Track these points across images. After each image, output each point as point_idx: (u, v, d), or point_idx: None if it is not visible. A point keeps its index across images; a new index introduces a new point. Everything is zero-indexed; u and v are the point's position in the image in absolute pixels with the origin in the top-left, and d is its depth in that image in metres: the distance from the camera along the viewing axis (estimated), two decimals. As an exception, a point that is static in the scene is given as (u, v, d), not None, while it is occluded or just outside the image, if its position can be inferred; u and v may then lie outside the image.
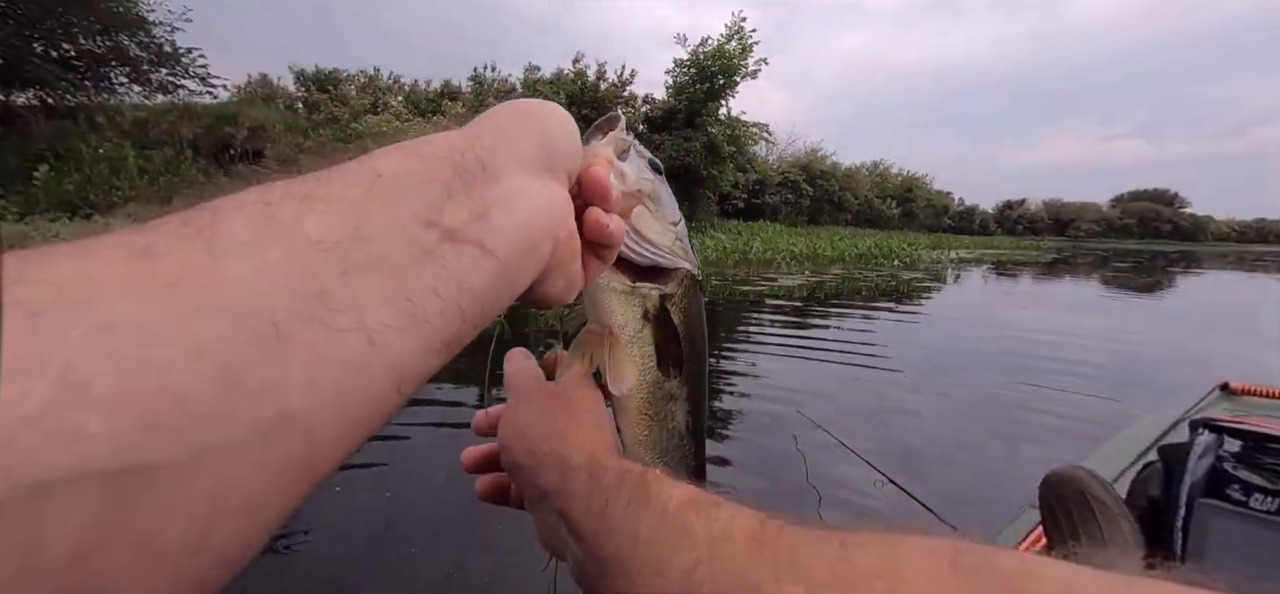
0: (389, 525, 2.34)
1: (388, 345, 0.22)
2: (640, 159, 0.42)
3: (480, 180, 0.27)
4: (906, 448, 3.30)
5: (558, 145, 0.32)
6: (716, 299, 9.03)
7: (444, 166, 0.26)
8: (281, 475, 0.19)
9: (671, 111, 18.98)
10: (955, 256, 23.04)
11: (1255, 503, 1.06)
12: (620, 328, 0.43)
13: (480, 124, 0.30)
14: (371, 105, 15.32)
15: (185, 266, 0.18)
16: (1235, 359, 6.31)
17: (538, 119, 0.32)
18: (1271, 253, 52.38)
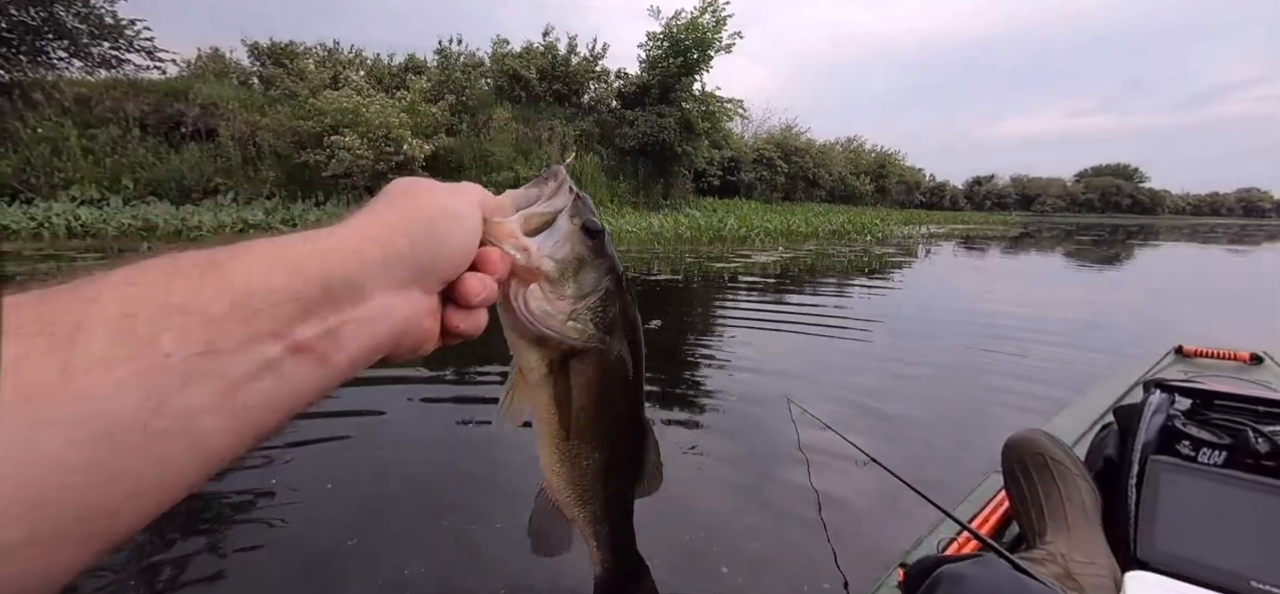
0: (366, 507, 2.23)
1: (211, 446, 0.25)
2: (568, 226, 0.42)
3: (346, 300, 0.30)
4: (877, 416, 3.32)
5: (443, 261, 0.35)
6: (691, 277, 8.97)
7: (313, 286, 0.28)
8: (82, 550, 0.22)
9: (645, 87, 18.69)
10: (927, 232, 23.41)
11: (1203, 457, 1.11)
12: (526, 370, 0.46)
13: (374, 230, 0.33)
14: (332, 80, 14.69)
15: (38, 384, 0.21)
16: (1190, 324, 6.55)
17: (432, 234, 0.34)
18: (1222, 224, 54.66)
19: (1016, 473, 1.22)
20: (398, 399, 3.37)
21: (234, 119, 14.06)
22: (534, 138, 17.05)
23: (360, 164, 12.33)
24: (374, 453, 2.72)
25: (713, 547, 2.08)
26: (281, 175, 13.42)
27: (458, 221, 0.36)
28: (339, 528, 2.12)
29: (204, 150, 13.54)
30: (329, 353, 0.29)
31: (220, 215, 11.26)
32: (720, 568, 1.97)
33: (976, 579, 0.72)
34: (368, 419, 3.05)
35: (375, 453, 2.72)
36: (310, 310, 0.28)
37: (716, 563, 2.00)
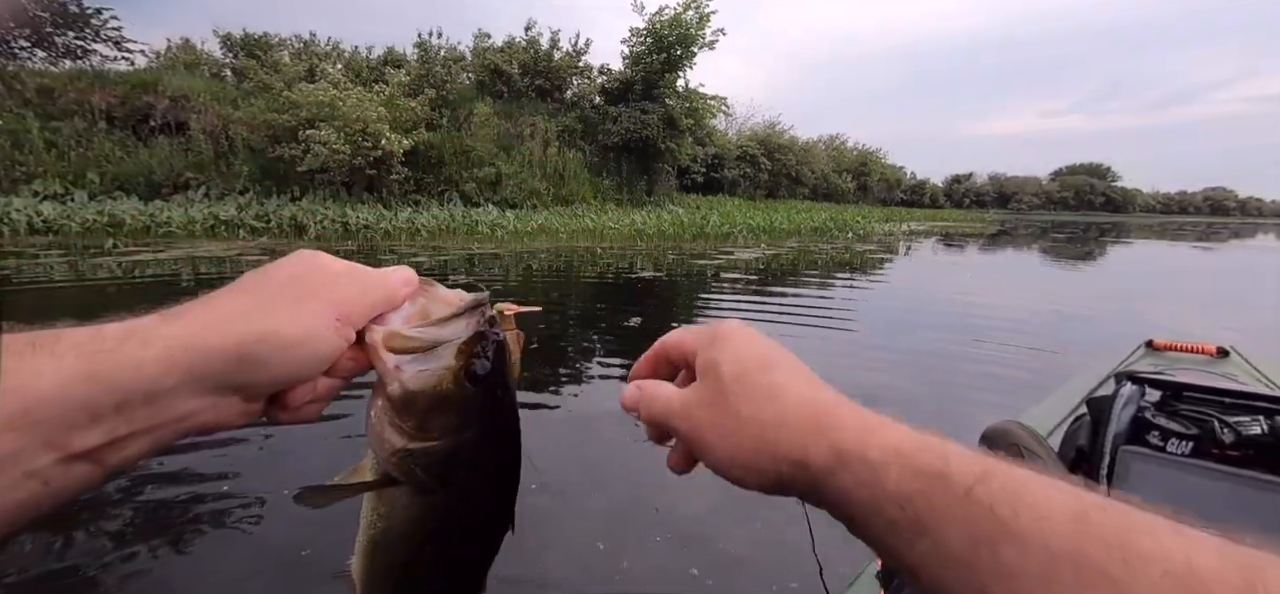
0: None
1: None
2: (444, 364, 0.36)
3: (140, 411, 0.28)
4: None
5: (269, 383, 0.32)
6: (673, 273, 8.94)
7: (110, 396, 0.27)
8: None
9: (628, 83, 18.61)
10: (907, 229, 23.70)
11: (1172, 447, 1.14)
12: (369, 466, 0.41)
13: (200, 336, 0.30)
14: (308, 72, 14.36)
15: None
16: (1159, 319, 6.68)
17: (260, 356, 0.31)
18: (1189, 222, 56.25)
19: None
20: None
21: (206, 112, 13.67)
22: (516, 133, 16.87)
23: (336, 159, 12.08)
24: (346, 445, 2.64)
25: (693, 540, 2.05)
26: (255, 170, 13.09)
27: (299, 348, 0.32)
28: (311, 528, 2.04)
29: (174, 144, 13.14)
30: (106, 458, 0.28)
31: (191, 211, 10.93)
32: (698, 560, 1.96)
33: None
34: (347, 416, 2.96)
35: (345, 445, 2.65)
36: (99, 419, 0.27)
37: (695, 556, 1.98)
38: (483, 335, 0.38)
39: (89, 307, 5.48)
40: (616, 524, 2.21)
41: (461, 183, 14.77)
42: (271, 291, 0.33)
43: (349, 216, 11.43)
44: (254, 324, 0.31)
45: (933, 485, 0.24)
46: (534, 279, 8.10)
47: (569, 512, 2.25)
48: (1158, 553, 0.19)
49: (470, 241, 11.61)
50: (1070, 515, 0.21)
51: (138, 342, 0.28)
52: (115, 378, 0.27)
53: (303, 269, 0.35)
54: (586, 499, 2.35)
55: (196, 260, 8.29)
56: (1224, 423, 1.12)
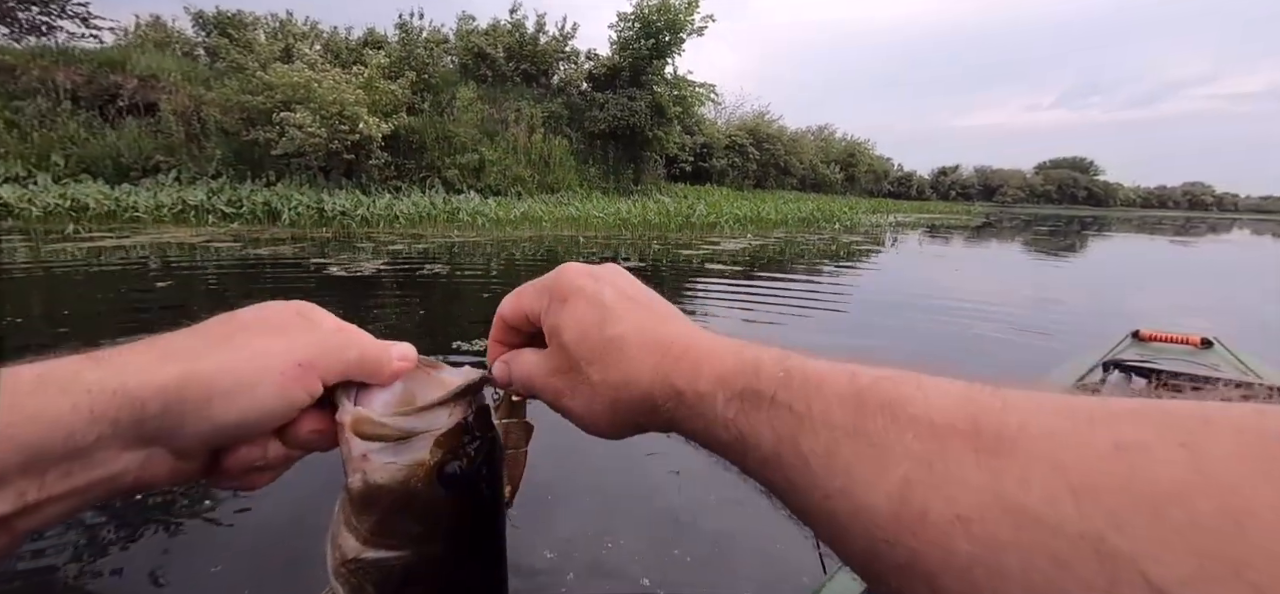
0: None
1: None
2: (414, 457, 0.31)
3: (55, 471, 0.25)
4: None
5: (212, 437, 0.29)
6: (658, 264, 8.81)
7: (17, 456, 0.24)
8: None
9: (615, 69, 18.33)
10: (893, 220, 23.76)
11: None
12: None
13: (134, 379, 0.26)
14: (284, 53, 13.92)
15: None
16: (1144, 309, 6.71)
17: (205, 406, 0.27)
18: (1168, 217, 57.27)
19: None
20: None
21: (176, 92, 13.21)
22: (500, 119, 16.54)
23: (312, 143, 11.72)
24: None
25: (685, 529, 2.03)
26: (229, 154, 12.68)
27: (239, 395, 0.28)
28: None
29: (143, 126, 12.68)
30: (15, 526, 0.24)
31: (160, 195, 10.56)
32: (692, 551, 1.95)
33: None
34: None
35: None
36: (3, 483, 0.24)
37: (688, 545, 1.97)
38: (466, 428, 0.33)
39: (57, 297, 5.23)
40: (606, 511, 2.17)
41: (444, 169, 14.47)
42: (226, 331, 0.30)
43: (325, 203, 11.12)
44: (192, 363, 0.27)
45: (747, 401, 0.27)
46: (517, 268, 7.92)
47: (557, 499, 2.20)
48: (908, 416, 0.22)
49: (450, 230, 11.36)
50: (851, 397, 0.24)
51: (55, 389, 0.25)
52: (23, 436, 0.24)
53: (276, 313, 0.31)
54: (574, 485, 2.29)
55: (164, 246, 7.99)
56: None
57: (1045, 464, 0.18)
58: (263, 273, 6.72)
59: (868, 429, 0.23)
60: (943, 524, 0.19)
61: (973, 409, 0.21)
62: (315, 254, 7.99)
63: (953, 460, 0.20)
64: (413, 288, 6.13)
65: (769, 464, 0.25)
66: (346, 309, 5.10)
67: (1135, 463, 0.17)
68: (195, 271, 6.60)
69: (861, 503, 0.22)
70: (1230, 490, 0.15)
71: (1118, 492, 0.16)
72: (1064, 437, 0.18)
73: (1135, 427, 0.18)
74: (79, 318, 4.54)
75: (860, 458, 0.22)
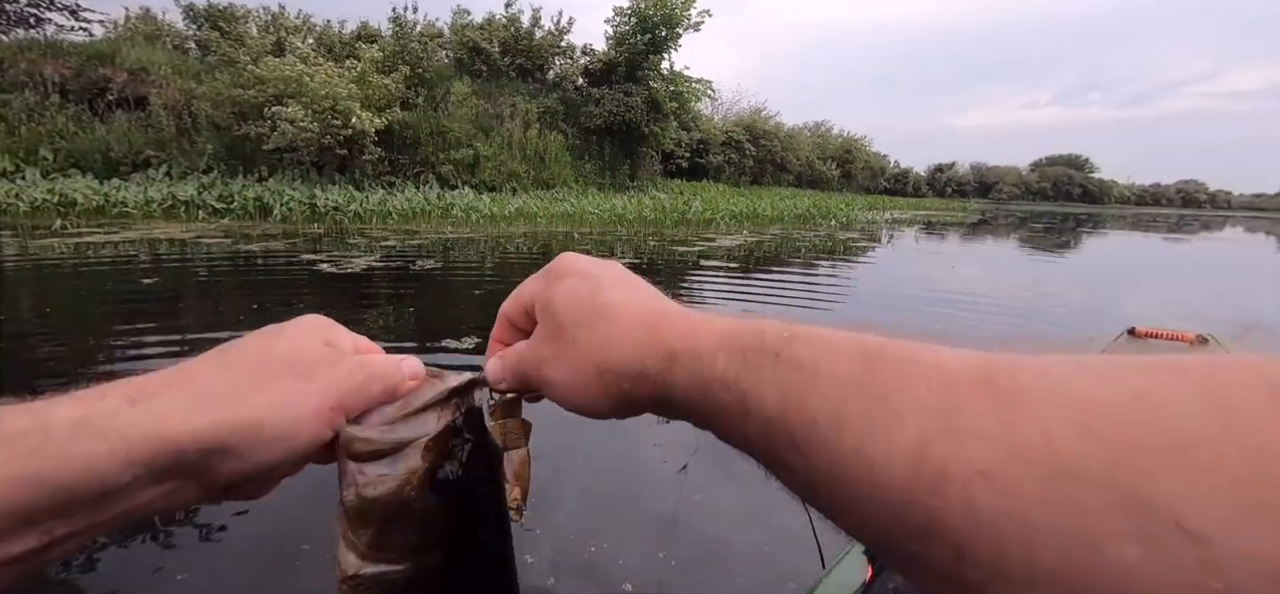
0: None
1: None
2: (408, 465, 0.31)
3: (85, 511, 0.25)
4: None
5: (235, 470, 0.28)
6: (654, 261, 8.76)
7: (52, 500, 0.24)
8: None
9: (611, 64, 18.23)
10: (890, 217, 23.76)
11: None
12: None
13: (174, 420, 0.26)
14: (275, 46, 13.77)
15: None
16: (1136, 308, 6.70)
17: (240, 449, 0.28)
18: (1162, 214, 57.54)
19: None
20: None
21: (167, 86, 13.05)
22: (495, 114, 16.43)
23: (304, 138, 11.60)
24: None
25: (680, 528, 2.01)
26: (220, 148, 12.54)
27: (280, 443, 0.29)
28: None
29: (133, 120, 12.52)
30: (37, 559, 0.24)
31: (150, 191, 10.43)
32: (689, 550, 1.95)
33: None
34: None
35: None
36: (34, 524, 0.23)
37: (685, 544, 1.96)
38: (454, 430, 0.32)
39: (45, 293, 5.14)
40: (602, 510, 2.15)
41: (438, 164, 14.35)
42: (262, 370, 0.29)
43: (317, 198, 11.01)
44: (233, 411, 0.27)
45: (750, 360, 0.25)
46: (511, 265, 7.85)
47: (552, 498, 2.18)
48: (920, 370, 0.21)
49: (444, 226, 11.28)
50: (859, 355, 0.23)
51: (92, 434, 0.24)
52: (59, 479, 0.23)
53: (305, 344, 0.31)
54: (569, 484, 2.27)
55: (155, 242, 7.89)
56: None
57: (1067, 413, 0.18)
58: (253, 269, 6.64)
59: (878, 384, 0.22)
60: (963, 480, 0.18)
61: (985, 363, 0.21)
62: (307, 250, 7.91)
63: (970, 413, 0.19)
64: (404, 284, 6.06)
65: (773, 427, 0.24)
66: (337, 308, 5.04)
67: (1159, 409, 0.16)
68: (185, 267, 6.51)
69: (875, 463, 0.20)
70: (1252, 430, 0.15)
71: (1144, 437, 0.16)
72: (1082, 388, 0.18)
73: (1152, 378, 0.17)
74: (68, 314, 4.46)
75: (872, 415, 0.21)
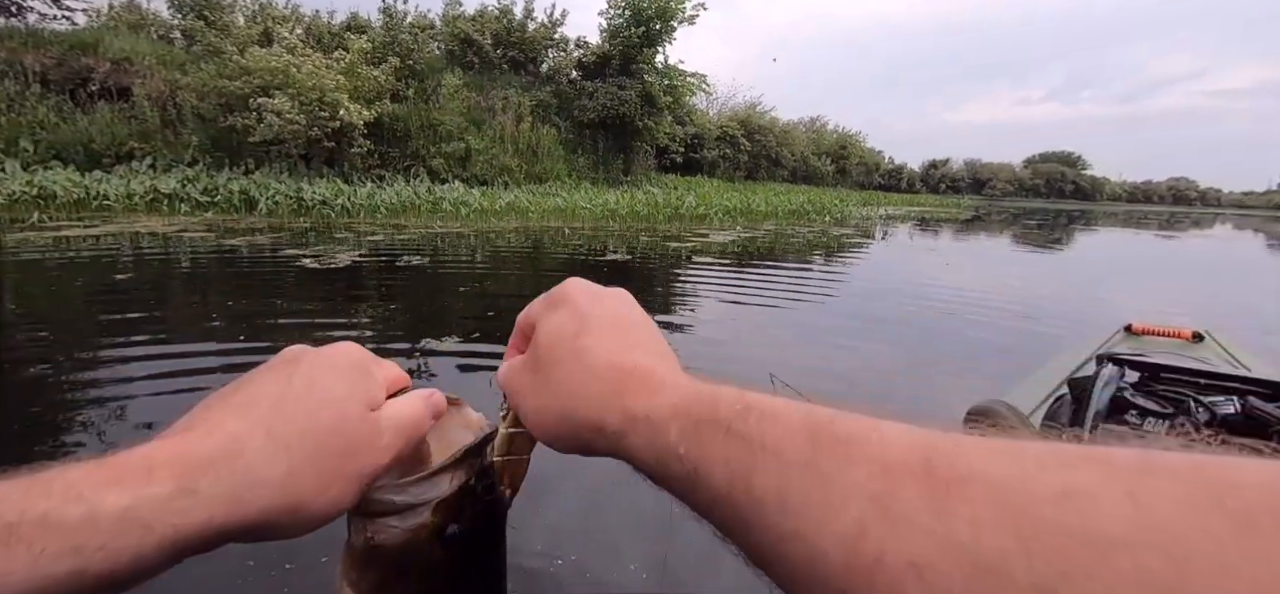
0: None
1: None
2: (409, 524, 0.32)
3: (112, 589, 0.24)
4: (844, 390, 3.36)
5: (267, 539, 0.29)
6: (647, 257, 8.66)
7: (87, 583, 0.23)
8: None
9: (605, 57, 18.06)
10: (884, 213, 23.74)
11: (1149, 425, 1.17)
12: None
13: (231, 515, 0.26)
14: (262, 36, 13.52)
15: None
16: (1137, 303, 6.68)
17: (284, 528, 0.28)
18: (1153, 211, 57.93)
19: None
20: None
21: (151, 77, 12.79)
22: (487, 107, 16.24)
23: (291, 130, 11.40)
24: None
25: (677, 523, 1.93)
26: (206, 140, 12.31)
27: (317, 521, 0.29)
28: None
29: (116, 111, 12.27)
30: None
31: (133, 183, 10.22)
32: (685, 545, 1.90)
33: None
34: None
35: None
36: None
37: (681, 539, 1.91)
38: (470, 493, 0.33)
39: (27, 287, 4.99)
40: (597, 508, 2.10)
41: (429, 158, 14.17)
42: (311, 446, 0.29)
43: (304, 192, 10.83)
44: (284, 498, 0.28)
45: (702, 432, 0.26)
46: (501, 260, 7.73)
47: (546, 493, 2.14)
48: (863, 451, 0.21)
49: (433, 220, 11.12)
50: (804, 434, 0.23)
51: (140, 527, 0.24)
52: (103, 571, 0.23)
53: (349, 411, 0.30)
54: (565, 478, 2.23)
55: (136, 236, 7.71)
56: (1199, 403, 1.17)
57: (995, 508, 0.18)
58: (235, 264, 6.49)
59: (821, 465, 0.22)
60: (897, 570, 0.18)
61: (926, 449, 0.20)
62: (291, 244, 7.76)
63: (906, 501, 0.19)
64: (390, 280, 5.93)
65: (720, 502, 0.24)
66: (319, 305, 4.91)
67: (1082, 509, 0.16)
68: (164, 261, 6.35)
69: (814, 547, 0.21)
70: (1173, 540, 0.15)
71: (1065, 538, 0.16)
72: (1013, 481, 0.18)
73: (1082, 472, 0.17)
74: (44, 310, 4.32)
75: (812, 497, 0.21)
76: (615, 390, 0.29)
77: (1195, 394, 1.21)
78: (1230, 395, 1.18)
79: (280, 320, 4.35)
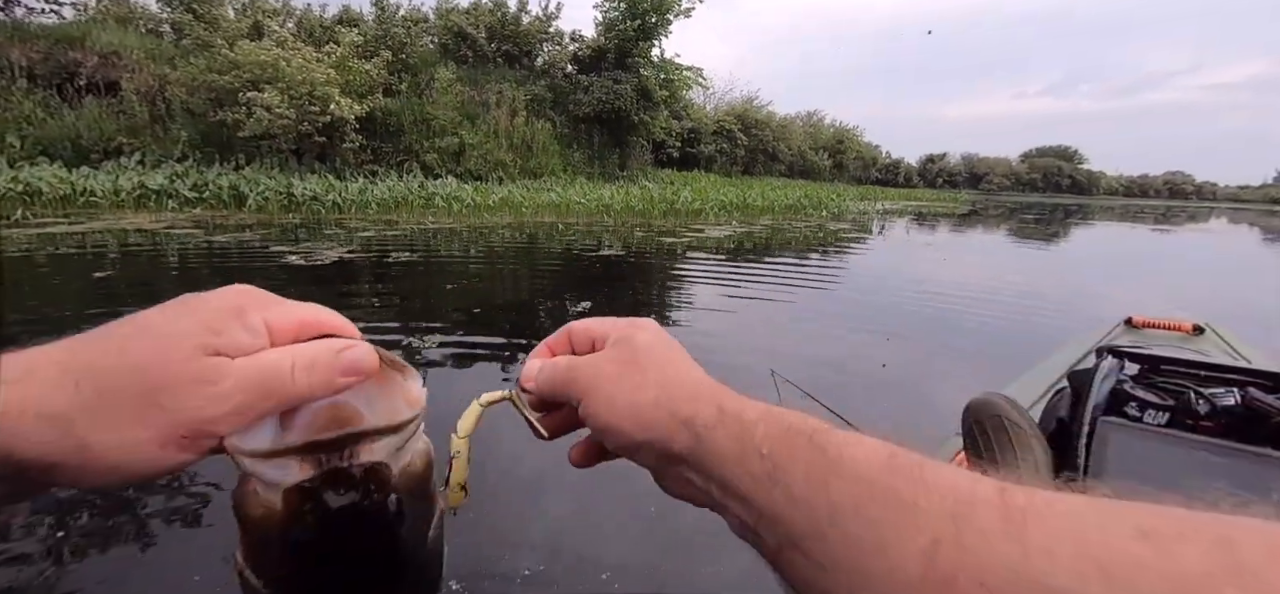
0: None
1: None
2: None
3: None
4: (843, 383, 3.37)
5: (55, 484, 0.26)
6: (641, 252, 8.57)
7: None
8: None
9: (601, 51, 17.90)
10: (881, 208, 23.67)
11: (1149, 418, 1.17)
12: None
13: (13, 443, 0.24)
14: (253, 29, 13.34)
15: None
16: (1135, 297, 6.62)
17: (69, 470, 0.25)
18: (1150, 206, 58.03)
19: (975, 434, 1.25)
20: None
21: (139, 71, 12.61)
22: (481, 102, 16.08)
23: (281, 124, 11.25)
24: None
25: (671, 515, 1.94)
26: (196, 136, 12.15)
27: (109, 474, 0.26)
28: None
29: (104, 106, 12.11)
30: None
31: (121, 179, 10.08)
32: (682, 538, 1.89)
33: None
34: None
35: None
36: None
37: (678, 533, 1.91)
38: (309, 493, 0.27)
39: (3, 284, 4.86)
40: (592, 505, 2.07)
41: (422, 153, 14.02)
42: (103, 387, 0.25)
43: (295, 187, 10.69)
44: (64, 436, 0.25)
45: (786, 435, 0.28)
46: (496, 255, 7.63)
47: (541, 485, 2.13)
48: (939, 483, 0.23)
49: (426, 216, 11.01)
50: (882, 455, 0.25)
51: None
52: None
53: (164, 350, 0.26)
54: (560, 469, 2.19)
55: (122, 233, 7.59)
56: (1199, 395, 1.16)
57: (1072, 540, 0.18)
58: (218, 261, 6.38)
59: (898, 487, 0.23)
60: (967, 591, 0.19)
61: (999, 482, 0.22)
62: (280, 241, 7.64)
63: (980, 527, 0.20)
64: (377, 278, 5.83)
65: (796, 505, 0.26)
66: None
67: (1163, 549, 0.17)
68: (150, 258, 6.24)
69: (889, 560, 0.22)
70: (1263, 584, 0.15)
71: (1147, 574, 0.16)
72: (1089, 515, 0.19)
73: (1158, 518, 0.18)
74: (32, 305, 4.22)
75: (889, 514, 0.23)
76: (711, 389, 0.32)
77: (1195, 386, 1.21)
78: (1230, 387, 1.18)
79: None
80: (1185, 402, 1.17)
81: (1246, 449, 1.04)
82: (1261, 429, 1.08)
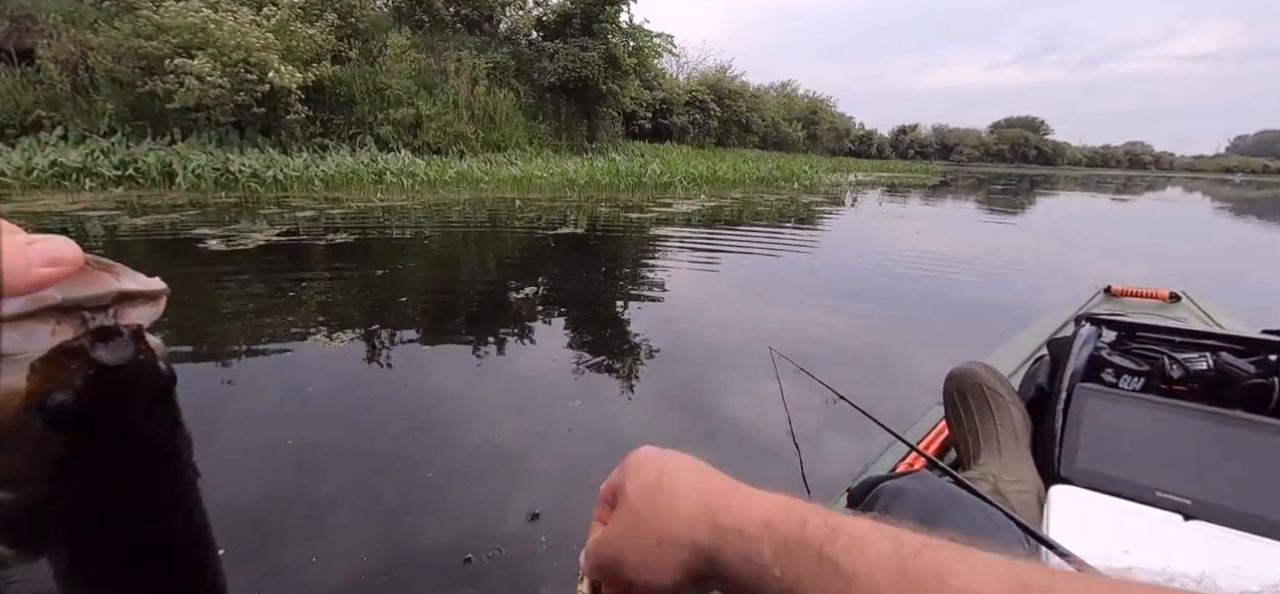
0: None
1: None
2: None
3: None
4: (827, 356, 3.39)
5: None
6: (609, 227, 8.17)
7: None
8: None
9: (566, 16, 17.13)
10: (853, 179, 23.56)
11: (1124, 383, 1.22)
12: None
13: None
14: (182, -11, 12.25)
15: None
16: (1110, 266, 6.51)
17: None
18: (1111, 175, 59.54)
19: (955, 401, 1.28)
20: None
21: (57, 37, 11.50)
22: (439, 70, 15.24)
23: (214, 94, 10.40)
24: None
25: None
26: (123, 108, 11.18)
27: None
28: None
29: (18, 76, 11.03)
30: None
31: (37, 156, 9.20)
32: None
33: (913, 490, 0.75)
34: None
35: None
36: None
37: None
38: (72, 352, 0.24)
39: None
40: (588, 496, 1.93)
41: (376, 125, 13.22)
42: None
43: (232, 163, 9.93)
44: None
45: (794, 550, 0.28)
46: (455, 236, 7.14)
47: (536, 479, 2.06)
48: (956, 586, 0.23)
49: (375, 193, 10.37)
50: (897, 561, 0.25)
51: None
52: None
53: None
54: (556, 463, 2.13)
55: (32, 216, 6.86)
56: (1173, 360, 1.19)
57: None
58: (128, 247, 5.76)
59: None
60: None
61: (1019, 584, 0.21)
62: (207, 222, 7.01)
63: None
64: (299, 265, 5.28)
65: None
66: (204, 292, 4.24)
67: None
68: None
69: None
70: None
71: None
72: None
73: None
74: None
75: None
76: (704, 511, 0.32)
77: (1170, 352, 1.23)
78: (1203, 352, 1.20)
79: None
80: (1159, 367, 1.19)
81: (1216, 411, 1.07)
82: (1232, 392, 1.11)
